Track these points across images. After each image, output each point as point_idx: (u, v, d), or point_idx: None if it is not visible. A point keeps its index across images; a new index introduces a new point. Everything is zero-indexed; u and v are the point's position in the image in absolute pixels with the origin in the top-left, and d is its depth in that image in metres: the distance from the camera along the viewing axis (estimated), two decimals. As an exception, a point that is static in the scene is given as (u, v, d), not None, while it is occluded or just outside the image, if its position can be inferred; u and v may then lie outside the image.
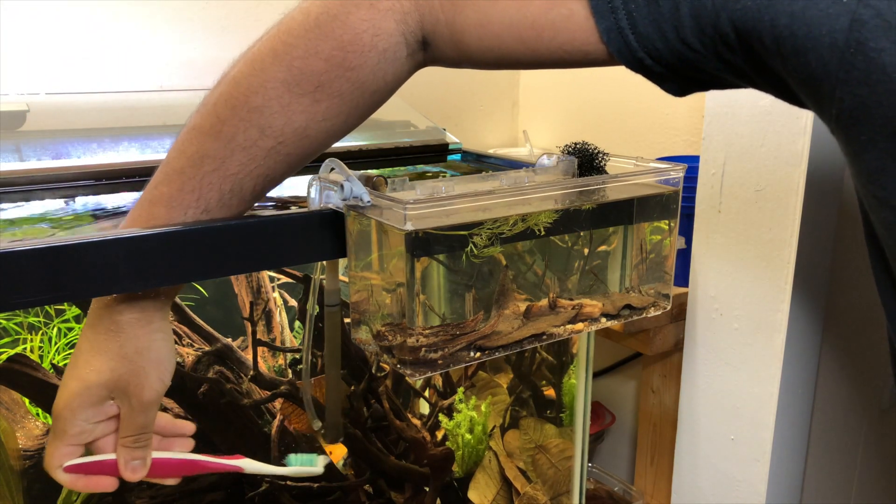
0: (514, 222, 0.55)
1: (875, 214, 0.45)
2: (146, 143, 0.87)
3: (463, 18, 0.49)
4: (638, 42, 0.46)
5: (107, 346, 0.50)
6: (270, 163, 0.51)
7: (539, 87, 1.55)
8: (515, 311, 0.57)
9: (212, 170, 0.49)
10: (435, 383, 1.08)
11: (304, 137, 0.51)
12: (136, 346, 0.51)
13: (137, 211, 0.51)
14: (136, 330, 0.50)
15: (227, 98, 0.49)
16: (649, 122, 1.33)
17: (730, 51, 0.44)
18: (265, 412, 0.95)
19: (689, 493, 1.12)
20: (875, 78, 0.39)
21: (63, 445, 0.52)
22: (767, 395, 0.98)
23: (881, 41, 0.38)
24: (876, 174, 0.42)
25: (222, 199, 0.50)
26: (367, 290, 0.56)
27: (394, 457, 0.97)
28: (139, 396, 0.51)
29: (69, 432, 0.52)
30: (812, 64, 0.41)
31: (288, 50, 0.49)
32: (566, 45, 0.48)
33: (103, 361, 0.50)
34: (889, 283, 0.48)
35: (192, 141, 0.50)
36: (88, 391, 0.51)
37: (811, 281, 0.96)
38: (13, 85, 1.00)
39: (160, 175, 0.51)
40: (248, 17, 1.14)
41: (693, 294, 1.06)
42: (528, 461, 1.07)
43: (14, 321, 0.85)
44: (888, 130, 0.40)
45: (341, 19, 0.48)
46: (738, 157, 0.96)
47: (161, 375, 0.52)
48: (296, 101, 0.49)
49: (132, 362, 0.51)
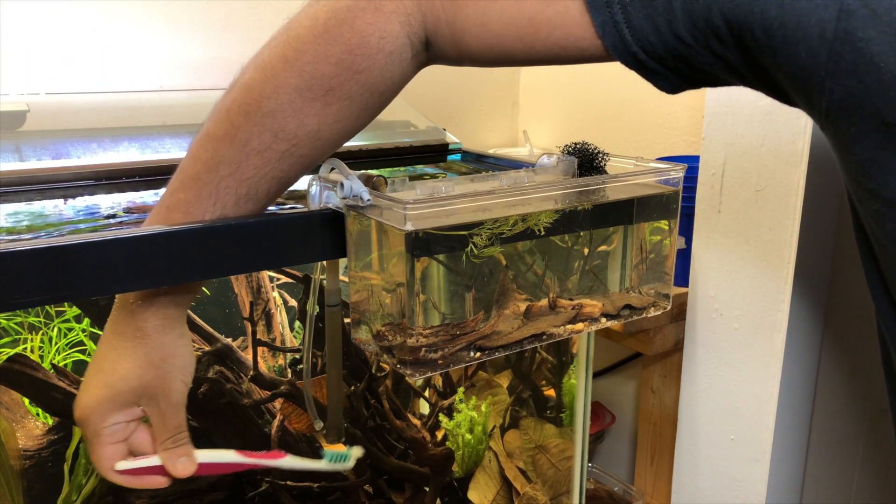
0: (514, 222, 0.55)
1: (865, 207, 0.45)
2: (146, 143, 0.87)
3: (463, 18, 0.50)
4: (632, 36, 0.46)
5: (133, 352, 0.51)
6: (284, 165, 0.51)
7: (539, 86, 1.55)
8: (515, 311, 0.57)
9: (227, 174, 0.50)
10: (435, 383, 1.08)
11: (317, 139, 0.51)
12: (162, 354, 0.52)
13: (155, 218, 0.51)
14: (162, 337, 0.52)
15: (241, 104, 0.50)
16: (649, 121, 1.33)
17: (721, 45, 0.45)
18: (265, 412, 0.95)
19: (689, 493, 1.12)
20: (863, 68, 0.39)
21: (103, 447, 0.54)
22: (767, 395, 0.98)
23: (868, 31, 0.39)
24: (866, 166, 0.43)
25: (238, 202, 0.51)
26: (367, 290, 0.56)
27: (394, 457, 0.97)
28: (167, 400, 0.53)
29: (102, 434, 0.53)
30: (802, 55, 0.41)
31: (298, 56, 0.49)
32: (562, 42, 0.49)
33: (130, 368, 0.51)
34: (878, 277, 0.48)
35: (206, 147, 0.51)
36: (117, 397, 0.52)
37: (811, 281, 0.96)
38: (13, 85, 1.00)
39: (176, 182, 0.52)
40: (248, 17, 1.14)
41: (693, 294, 1.06)
42: (528, 461, 1.07)
43: (14, 321, 0.85)
44: (877, 121, 0.40)
45: (349, 23, 0.49)
46: (738, 157, 0.96)
47: (185, 379, 0.54)
48: (308, 105, 0.50)
49: (159, 368, 0.52)
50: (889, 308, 0.48)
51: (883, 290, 0.48)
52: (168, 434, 0.54)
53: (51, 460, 0.84)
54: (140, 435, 0.55)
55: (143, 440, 0.55)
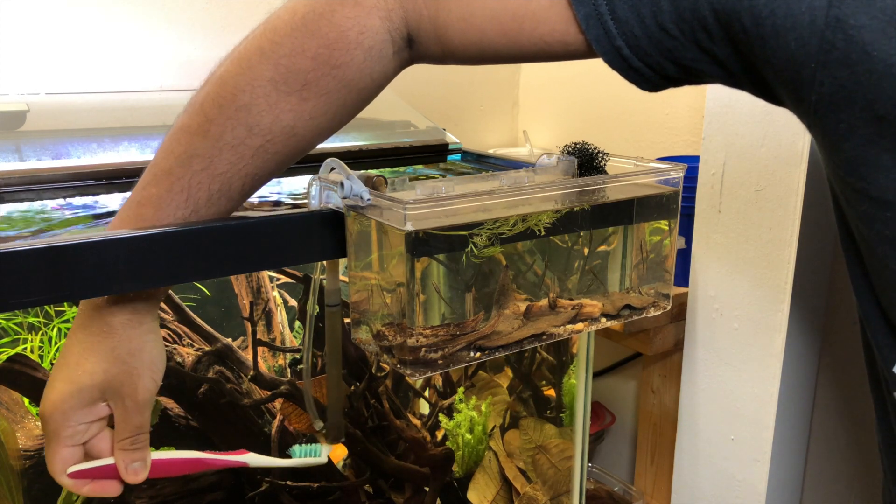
0: (515, 222, 0.55)
1: (853, 208, 0.44)
2: (146, 143, 0.87)
3: (446, 14, 0.49)
4: (617, 28, 0.45)
5: (99, 347, 0.50)
6: (259, 161, 0.51)
7: (539, 86, 1.55)
8: (515, 311, 0.57)
9: (200, 169, 0.49)
10: (435, 383, 1.08)
11: (293, 136, 0.51)
12: (129, 348, 0.50)
13: (125, 212, 0.50)
14: (129, 331, 0.50)
15: (215, 97, 0.49)
16: (649, 121, 1.33)
17: (709, 37, 0.44)
18: (265, 412, 0.95)
19: (689, 493, 1.12)
20: (855, 58, 0.38)
21: (60, 448, 0.52)
22: (767, 395, 0.98)
23: (860, 17, 0.38)
24: (855, 164, 0.42)
25: (211, 198, 0.50)
26: (367, 290, 0.56)
27: (394, 457, 0.97)
28: (133, 397, 0.51)
29: (62, 434, 0.51)
30: (792, 45, 0.40)
31: (275, 48, 0.49)
32: (546, 37, 0.48)
33: (95, 363, 0.50)
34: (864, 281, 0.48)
35: (179, 141, 0.50)
36: (81, 393, 0.50)
37: (811, 281, 0.96)
38: (13, 85, 1.00)
39: (148, 176, 0.50)
40: (248, 17, 1.14)
41: (693, 294, 1.06)
42: (528, 461, 1.07)
43: (14, 321, 0.85)
44: (868, 114, 0.39)
45: (327, 17, 0.48)
46: (738, 157, 0.96)
47: (153, 375, 0.52)
48: (283, 100, 0.49)
49: (125, 364, 0.50)
50: (875, 313, 0.47)
51: (870, 294, 0.47)
52: (128, 434, 0.52)
53: (51, 460, 0.84)
54: (100, 441, 0.53)
55: (103, 447, 0.53)
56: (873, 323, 0.48)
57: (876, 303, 0.47)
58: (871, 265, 0.46)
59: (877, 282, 0.46)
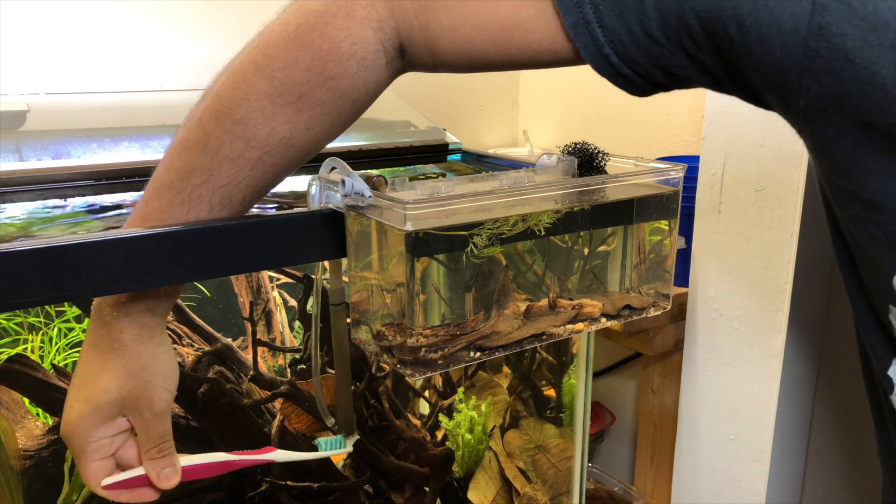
0: (515, 222, 0.55)
1: (845, 211, 0.44)
2: (146, 143, 0.87)
3: (436, 24, 0.50)
4: (605, 36, 0.45)
5: (111, 364, 0.51)
6: (258, 173, 0.51)
7: (539, 87, 1.55)
8: (515, 311, 0.57)
9: (200, 183, 0.50)
10: (435, 383, 1.08)
11: (290, 147, 0.51)
12: (140, 363, 0.51)
13: (130, 226, 0.51)
14: (139, 347, 0.51)
15: (212, 111, 0.50)
16: (649, 122, 1.33)
17: (695, 45, 0.44)
18: (265, 412, 0.95)
19: (689, 493, 1.12)
20: (838, 65, 0.38)
21: (90, 463, 0.53)
22: (767, 395, 0.98)
23: (843, 25, 0.38)
24: (846, 168, 0.41)
25: (212, 211, 0.51)
26: (367, 291, 0.56)
27: (394, 457, 0.97)
28: (151, 409, 0.53)
29: (87, 450, 0.53)
30: (776, 53, 0.40)
31: (269, 62, 0.49)
32: (536, 45, 0.48)
33: (109, 380, 0.51)
34: (857, 285, 0.47)
35: (179, 155, 0.50)
36: (99, 410, 0.51)
37: (811, 281, 0.96)
38: (13, 85, 1.00)
39: (150, 191, 0.51)
40: (248, 17, 1.14)
41: (693, 294, 1.06)
42: (528, 461, 1.07)
43: (14, 321, 0.85)
44: (855, 120, 0.39)
45: (319, 29, 0.49)
46: (738, 157, 0.96)
47: (168, 386, 0.53)
48: (279, 112, 0.49)
49: (139, 378, 0.52)
50: (869, 316, 0.47)
51: (863, 298, 0.47)
52: (152, 443, 0.54)
53: (51, 460, 0.84)
54: (128, 450, 0.55)
55: (131, 455, 0.55)
56: (867, 327, 0.48)
57: (869, 306, 0.47)
58: (864, 268, 0.45)
59: (869, 285, 0.46)
